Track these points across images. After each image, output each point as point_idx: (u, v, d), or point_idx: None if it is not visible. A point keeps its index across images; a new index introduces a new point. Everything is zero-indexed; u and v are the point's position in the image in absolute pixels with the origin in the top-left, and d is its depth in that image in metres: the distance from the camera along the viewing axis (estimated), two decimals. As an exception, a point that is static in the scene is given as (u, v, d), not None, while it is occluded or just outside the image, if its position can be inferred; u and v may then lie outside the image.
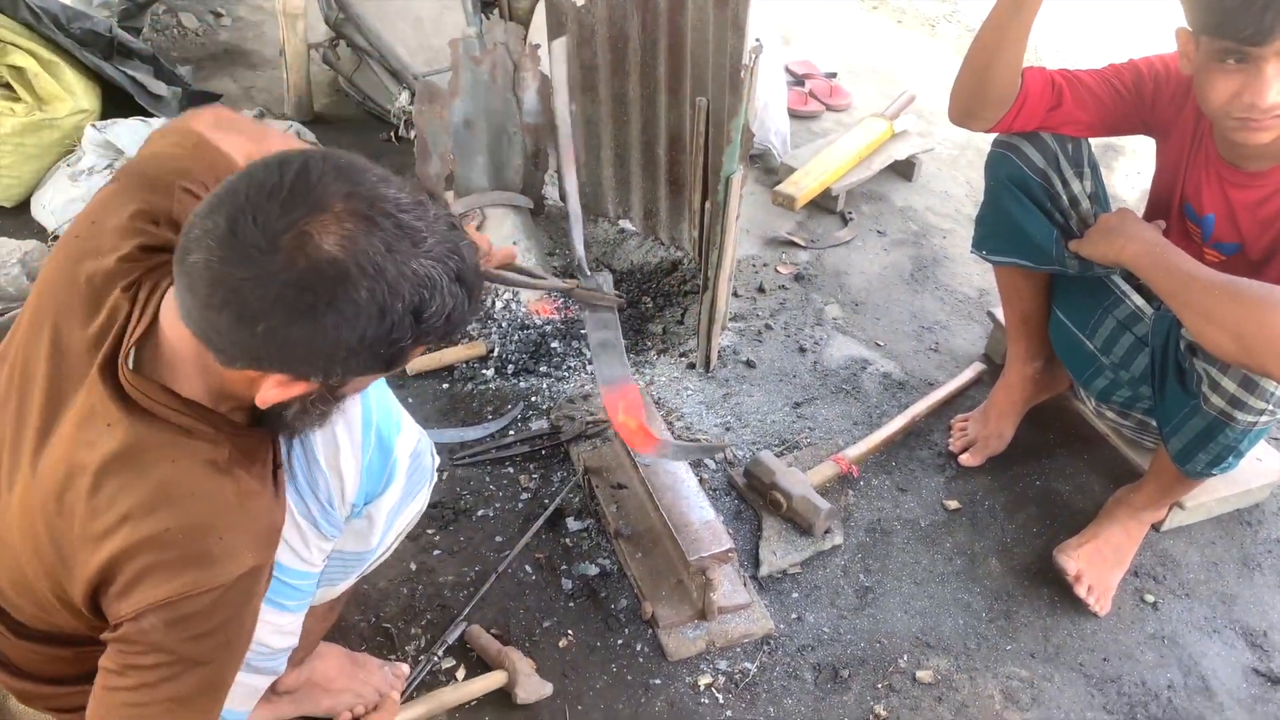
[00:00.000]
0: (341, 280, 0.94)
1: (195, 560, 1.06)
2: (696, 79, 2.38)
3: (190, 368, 1.08)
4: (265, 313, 0.95)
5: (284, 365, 1.01)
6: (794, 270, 2.89)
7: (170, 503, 1.06)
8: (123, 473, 1.06)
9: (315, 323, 0.96)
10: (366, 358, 1.01)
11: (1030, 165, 1.94)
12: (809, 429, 2.36)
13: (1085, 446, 2.35)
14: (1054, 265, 2.00)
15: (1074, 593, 1.99)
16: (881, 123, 3.28)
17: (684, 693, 1.80)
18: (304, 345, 0.98)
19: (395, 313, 0.97)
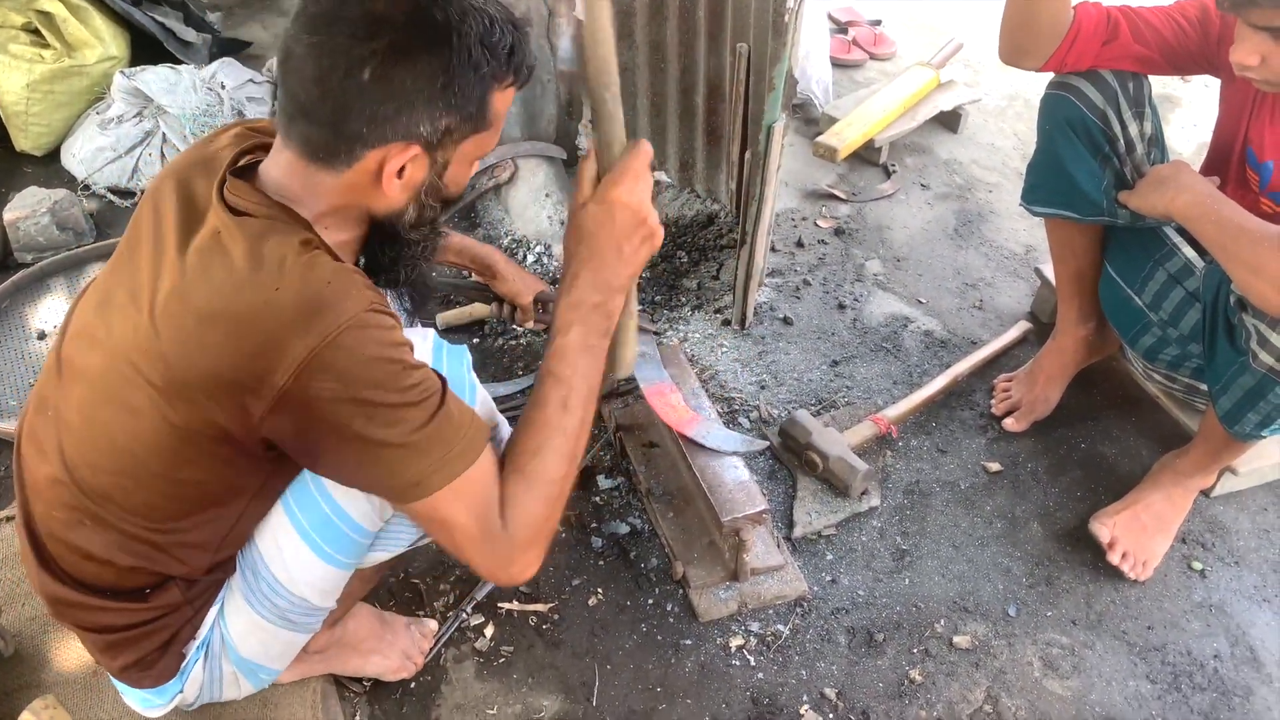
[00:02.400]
0: (420, 11, 1.09)
1: (314, 308, 1.08)
2: (737, 24, 2.29)
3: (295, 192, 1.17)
4: (369, 56, 1.07)
5: (396, 116, 1.10)
6: (834, 224, 2.81)
7: (270, 269, 1.09)
8: (219, 262, 1.11)
9: (410, 55, 1.08)
10: (461, 95, 1.12)
11: (1089, 105, 1.86)
12: (847, 388, 2.30)
13: (1133, 408, 2.27)
14: (1103, 216, 1.92)
15: (1115, 562, 1.93)
16: (927, 72, 3.17)
17: (715, 654, 1.78)
18: (409, 84, 1.09)
19: (469, 36, 1.10)
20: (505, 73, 1.15)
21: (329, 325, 1.07)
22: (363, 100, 1.09)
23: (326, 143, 1.13)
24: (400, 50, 1.08)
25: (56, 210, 2.52)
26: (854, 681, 1.75)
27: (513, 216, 2.67)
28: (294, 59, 1.10)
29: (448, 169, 1.20)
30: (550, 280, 2.51)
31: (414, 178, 1.17)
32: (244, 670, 1.42)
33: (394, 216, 1.22)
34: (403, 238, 1.25)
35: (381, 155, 1.13)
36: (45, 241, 2.53)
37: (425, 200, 1.21)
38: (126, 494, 1.21)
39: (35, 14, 2.78)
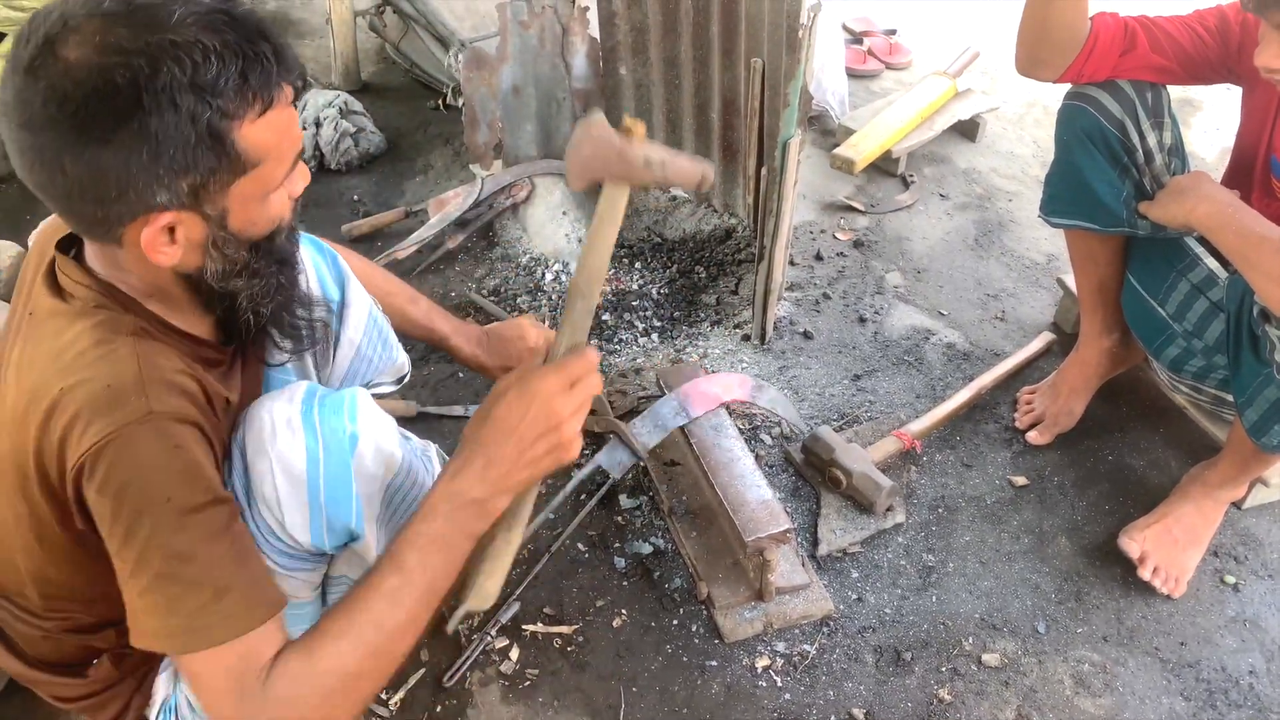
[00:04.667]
0: (97, 78, 0.93)
1: (92, 410, 1.01)
2: (751, 39, 2.29)
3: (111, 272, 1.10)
4: (60, 143, 0.95)
5: (122, 196, 0.98)
6: (853, 236, 2.79)
7: (78, 357, 1.04)
8: (25, 346, 1.08)
9: (99, 135, 0.95)
10: (186, 154, 0.98)
11: (1107, 116, 1.84)
12: (869, 402, 2.28)
13: (1161, 420, 2.25)
14: (1123, 227, 1.90)
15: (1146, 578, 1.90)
16: (944, 81, 3.15)
17: (741, 674, 1.76)
18: (112, 162, 0.96)
19: (170, 89, 0.94)
20: (242, 106, 0.99)
21: (108, 425, 1.00)
22: (79, 188, 0.98)
23: (81, 228, 1.06)
24: (85, 131, 0.94)
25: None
26: (882, 701, 1.74)
27: (530, 235, 2.67)
28: (7, 148, 1.00)
29: (230, 215, 1.07)
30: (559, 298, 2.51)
31: (192, 237, 1.06)
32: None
33: (197, 274, 1.10)
34: (221, 291, 1.13)
35: (137, 229, 1.02)
36: (69, 268, 2.55)
37: (222, 252, 1.09)
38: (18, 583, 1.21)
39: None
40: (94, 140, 0.95)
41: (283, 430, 1.17)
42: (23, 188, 1.08)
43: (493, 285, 2.58)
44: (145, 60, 0.94)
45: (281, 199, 1.13)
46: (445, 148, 3.09)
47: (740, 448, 1.92)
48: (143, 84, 0.94)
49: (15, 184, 2.94)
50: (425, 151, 3.10)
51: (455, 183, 2.91)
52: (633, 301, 2.51)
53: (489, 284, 2.59)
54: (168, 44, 0.94)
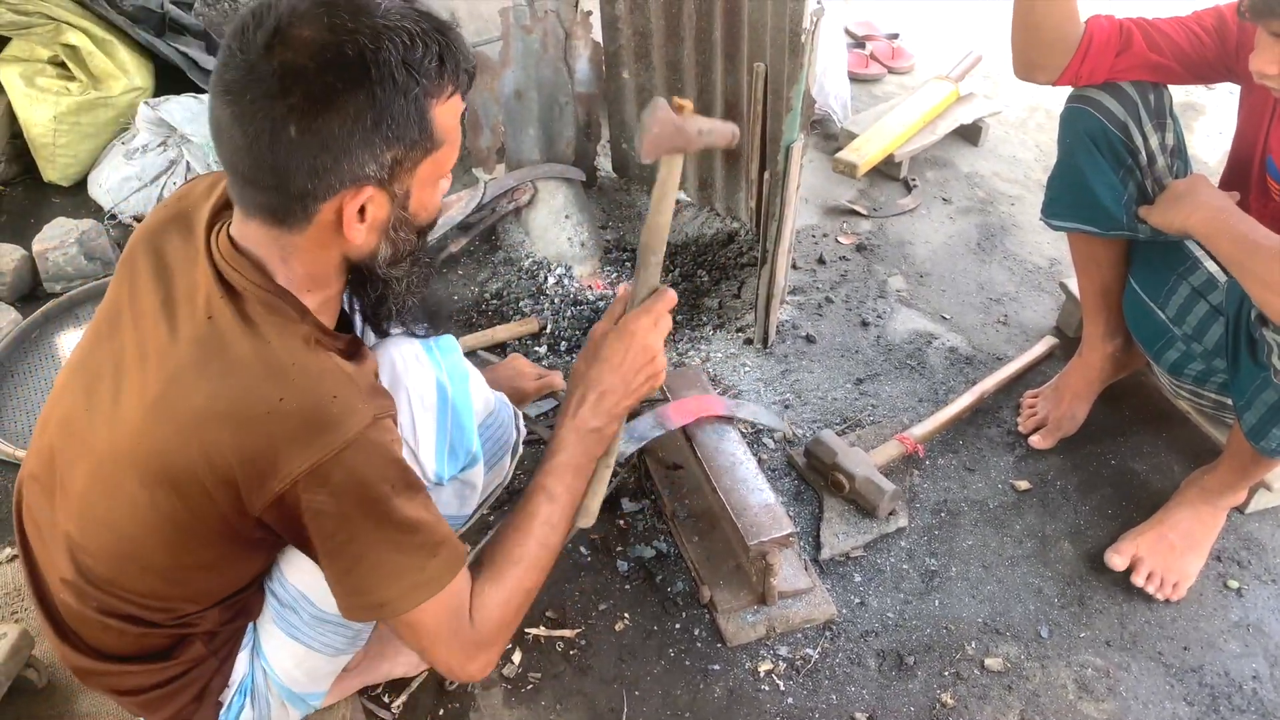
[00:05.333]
0: (329, 51, 1.03)
1: (318, 423, 1.08)
2: (754, 44, 2.29)
3: (273, 263, 1.15)
4: (289, 112, 1.03)
5: (336, 164, 1.06)
6: (855, 240, 2.80)
7: (275, 374, 1.09)
8: (219, 356, 1.11)
9: (331, 101, 1.03)
10: (399, 126, 1.07)
11: (1109, 117, 1.84)
12: (872, 406, 2.28)
13: (1164, 424, 2.25)
14: (1123, 230, 1.90)
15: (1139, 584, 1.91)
16: (946, 85, 3.16)
17: (744, 679, 1.76)
18: (337, 129, 1.04)
19: (388, 63, 1.04)
20: (440, 86, 1.10)
21: (330, 442, 1.07)
22: (297, 157, 1.05)
23: (279, 206, 1.11)
24: (319, 98, 1.03)
25: (84, 240, 2.55)
26: (885, 705, 1.73)
27: (533, 239, 2.67)
28: (222, 131, 1.07)
29: (410, 198, 1.16)
30: (573, 301, 2.51)
31: (377, 217, 1.14)
32: (291, 700, 1.43)
33: (370, 259, 1.19)
34: (383, 277, 1.22)
35: (336, 204, 1.10)
36: (74, 271, 2.56)
37: (397, 235, 1.18)
38: (133, 579, 1.22)
39: (62, 47, 2.82)
40: (325, 106, 1.03)
41: (413, 364, 1.33)
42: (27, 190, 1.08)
43: (495, 289, 2.59)
44: (369, 38, 1.04)
45: (442, 191, 1.22)
46: (448, 152, 3.09)
47: (743, 451, 1.91)
48: (369, 57, 1.04)
49: (19, 187, 2.95)
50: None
51: (458, 186, 2.91)
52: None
53: (491, 287, 2.59)
54: (383, 26, 1.05)
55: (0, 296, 2.51)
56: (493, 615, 1.25)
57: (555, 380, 2.01)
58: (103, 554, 1.21)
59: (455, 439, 1.36)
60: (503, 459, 1.58)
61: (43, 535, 1.29)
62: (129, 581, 1.22)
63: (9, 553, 1.90)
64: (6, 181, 2.96)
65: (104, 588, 1.23)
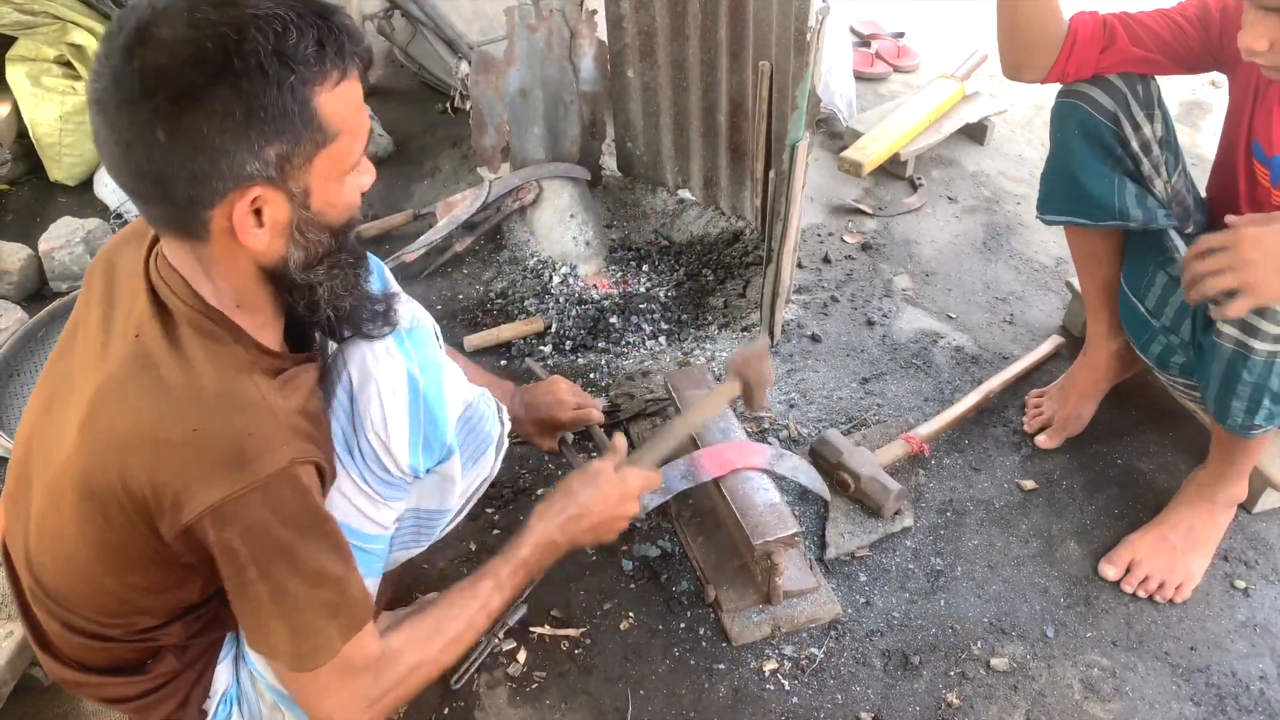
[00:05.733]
0: (194, 47, 0.98)
1: (230, 460, 1.05)
2: (759, 42, 2.29)
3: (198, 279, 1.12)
4: (154, 115, 0.98)
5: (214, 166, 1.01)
6: (861, 239, 2.79)
7: (194, 402, 1.07)
8: (142, 377, 1.08)
9: (195, 99, 0.98)
10: (276, 119, 1.02)
11: (1098, 109, 1.85)
12: (877, 406, 2.28)
13: (1170, 423, 2.24)
14: (1113, 220, 1.90)
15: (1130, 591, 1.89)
16: (952, 84, 3.15)
17: (749, 678, 1.76)
18: (206, 128, 0.99)
19: (258, 55, 0.99)
20: (322, 73, 1.04)
21: (241, 480, 1.05)
22: (173, 163, 1.01)
23: (173, 218, 1.07)
24: (182, 97, 0.98)
25: (90, 239, 2.56)
26: (890, 705, 1.73)
27: (538, 238, 2.67)
28: (100, 144, 1.03)
29: (311, 195, 1.10)
30: (578, 300, 2.51)
31: (277, 219, 1.08)
32: (284, 701, 1.41)
33: (281, 264, 1.13)
34: (302, 282, 1.16)
35: (226, 210, 1.05)
36: (79, 270, 2.56)
37: (305, 237, 1.12)
38: (83, 595, 1.21)
39: (67, 47, 2.83)
40: (190, 105, 0.99)
41: (384, 356, 1.29)
42: (33, 190, 1.09)
43: (500, 288, 2.59)
44: (232, 29, 0.99)
45: (355, 185, 1.16)
46: (453, 151, 3.09)
47: (748, 451, 1.91)
48: (231, 49, 0.98)
49: (25, 186, 2.96)
50: (433, 154, 3.11)
51: (463, 186, 2.91)
52: (640, 304, 2.51)
53: (496, 287, 2.59)
54: (249, 16, 1.00)
55: (6, 295, 2.51)
56: (397, 675, 1.26)
57: (593, 414, 1.94)
58: (55, 571, 1.21)
59: (429, 431, 1.32)
60: (485, 453, 1.52)
61: (12, 550, 1.29)
62: (81, 598, 1.22)
63: (15, 551, 1.90)
64: (13, 181, 2.96)
65: (62, 603, 1.23)
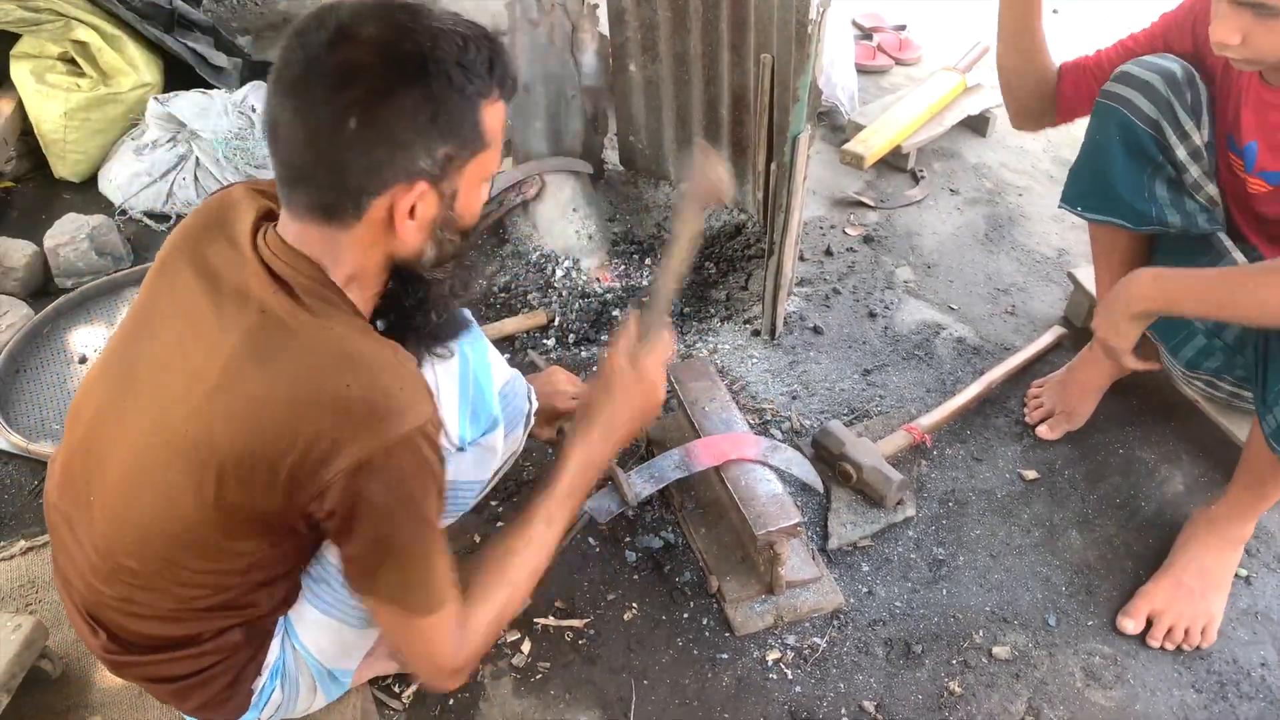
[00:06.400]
0: (390, 48, 1.07)
1: (382, 412, 1.10)
2: (760, 35, 2.29)
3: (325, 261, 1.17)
4: (350, 105, 1.06)
5: (392, 159, 1.09)
6: (863, 232, 2.80)
7: (343, 359, 1.12)
8: (282, 342, 1.12)
9: (390, 93, 1.06)
10: (452, 123, 1.11)
11: (1140, 116, 1.79)
12: (879, 397, 2.29)
13: (1172, 413, 2.24)
14: (1153, 225, 1.87)
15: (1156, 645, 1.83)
16: (953, 76, 3.15)
17: (752, 668, 1.77)
18: (396, 123, 1.07)
19: (445, 61, 1.08)
20: (490, 88, 1.13)
21: (391, 432, 1.10)
22: (356, 151, 1.08)
23: (332, 202, 1.12)
24: (379, 92, 1.06)
25: (95, 236, 2.57)
26: (893, 694, 1.74)
27: (541, 232, 2.68)
28: (280, 127, 1.09)
29: (457, 198, 1.18)
30: (581, 294, 2.52)
31: (426, 215, 1.16)
32: (322, 680, 1.45)
33: (414, 259, 1.21)
34: (426, 279, 1.24)
35: (389, 200, 1.12)
36: (85, 267, 2.58)
37: (443, 235, 1.20)
38: (166, 568, 1.23)
39: (71, 44, 2.84)
40: (385, 99, 1.06)
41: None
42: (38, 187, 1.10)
43: (504, 282, 2.59)
44: (427, 36, 1.08)
45: (485, 195, 1.24)
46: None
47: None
48: (427, 54, 1.07)
49: (30, 183, 2.97)
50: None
51: (466, 180, 2.92)
52: (643, 298, 2.52)
53: (500, 280, 2.60)
54: (438, 29, 1.09)
55: (12, 292, 2.52)
56: (479, 633, 1.31)
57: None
58: (136, 544, 1.23)
59: (477, 404, 1.41)
60: (517, 428, 1.61)
61: (73, 528, 1.30)
62: (165, 575, 1.23)
63: (23, 545, 1.92)
64: (18, 178, 2.98)
65: (139, 583, 1.25)
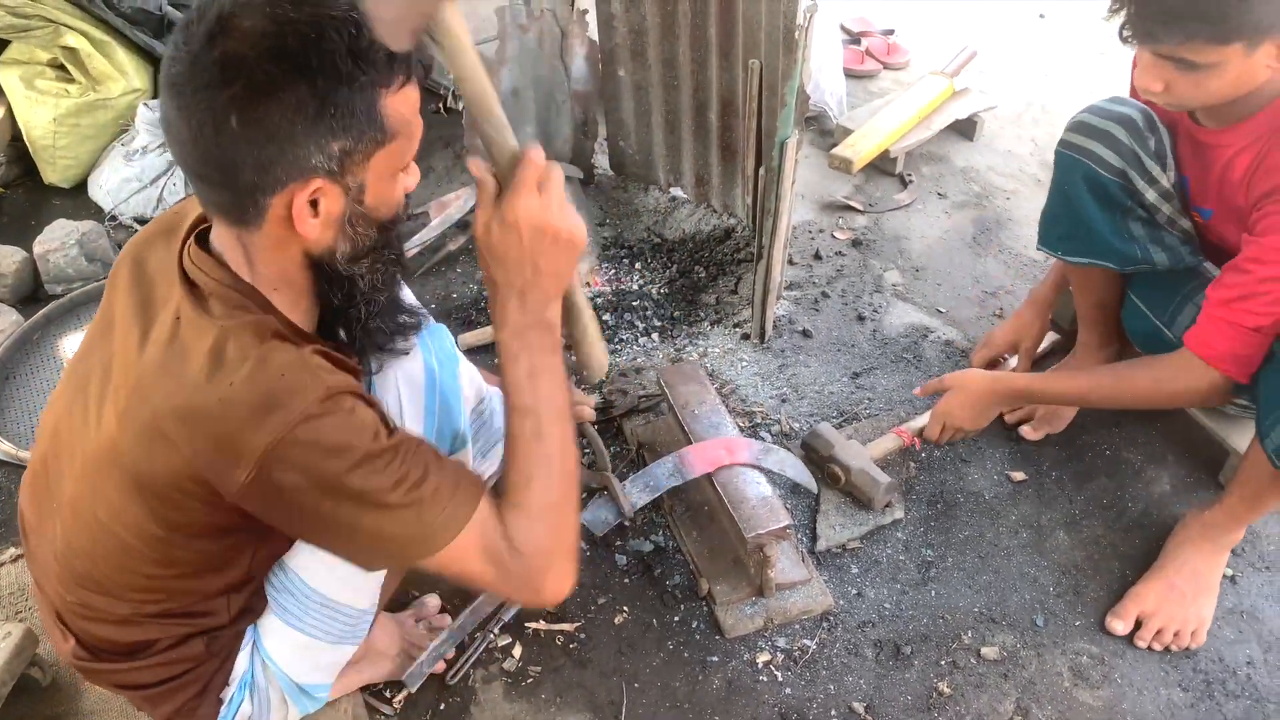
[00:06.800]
0: (275, 41, 1.02)
1: (267, 403, 1.07)
2: (749, 40, 2.31)
3: (238, 262, 1.16)
4: (230, 103, 1.02)
5: (281, 155, 1.05)
6: (852, 236, 2.81)
7: (224, 362, 1.09)
8: (174, 359, 1.11)
9: (272, 90, 1.02)
10: (344, 117, 1.06)
11: (1106, 166, 1.84)
12: (868, 400, 2.30)
13: (1158, 414, 2.26)
14: (1140, 265, 1.90)
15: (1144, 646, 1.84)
16: (941, 80, 3.17)
17: (742, 670, 1.78)
18: (279, 119, 1.03)
19: (333, 52, 1.03)
20: (389, 76, 1.08)
21: (283, 420, 1.06)
22: (241, 150, 1.04)
23: (231, 203, 1.10)
24: (260, 87, 1.02)
25: (85, 242, 2.57)
26: (882, 695, 1.75)
27: (531, 236, 2.68)
28: (170, 127, 1.07)
29: (366, 191, 1.14)
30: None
31: (331, 211, 1.12)
32: (293, 694, 1.44)
33: (329, 255, 1.17)
34: (345, 274, 1.20)
35: (286, 198, 1.09)
36: (74, 273, 2.57)
37: (355, 230, 1.16)
38: (121, 579, 1.24)
39: (61, 50, 2.84)
40: (266, 96, 1.02)
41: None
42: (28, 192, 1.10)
43: (494, 286, 2.60)
44: (312, 26, 1.03)
45: (403, 185, 1.20)
46: (446, 151, 3.10)
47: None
48: (311, 45, 1.02)
49: (20, 189, 2.97)
50: (426, 154, 3.12)
51: (456, 185, 2.93)
52: (633, 301, 2.52)
53: (490, 285, 2.60)
54: (327, 16, 1.04)
55: (1, 298, 2.52)
56: (532, 540, 1.22)
57: (585, 411, 1.99)
58: (91, 555, 1.24)
59: (443, 420, 1.39)
60: (495, 448, 1.59)
61: (40, 536, 1.32)
62: (118, 581, 1.24)
63: (12, 552, 1.92)
64: (7, 184, 2.97)
65: (94, 588, 1.26)
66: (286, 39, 1.02)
